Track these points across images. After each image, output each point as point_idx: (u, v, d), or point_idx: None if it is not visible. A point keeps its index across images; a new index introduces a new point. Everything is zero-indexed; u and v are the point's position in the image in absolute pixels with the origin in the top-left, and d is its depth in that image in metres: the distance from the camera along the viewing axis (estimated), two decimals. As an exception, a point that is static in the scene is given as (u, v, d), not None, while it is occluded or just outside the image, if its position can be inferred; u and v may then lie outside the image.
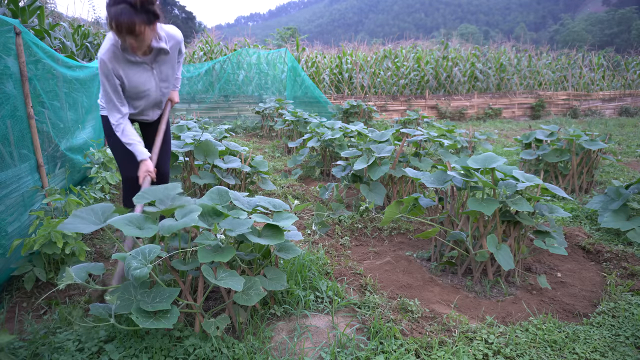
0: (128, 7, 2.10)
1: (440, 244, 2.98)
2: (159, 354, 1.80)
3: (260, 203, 2.25)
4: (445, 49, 14.62)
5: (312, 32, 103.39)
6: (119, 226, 1.76)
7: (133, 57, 2.39)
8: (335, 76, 13.22)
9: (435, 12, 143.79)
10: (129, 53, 2.37)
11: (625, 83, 16.57)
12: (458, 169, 2.74)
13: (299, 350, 1.94)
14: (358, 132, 4.88)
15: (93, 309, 1.81)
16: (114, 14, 2.10)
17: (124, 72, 2.41)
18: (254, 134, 9.30)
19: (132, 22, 2.12)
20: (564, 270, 2.93)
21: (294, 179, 5.18)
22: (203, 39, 13.92)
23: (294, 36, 21.20)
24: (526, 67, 15.47)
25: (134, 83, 2.49)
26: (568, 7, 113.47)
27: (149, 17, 2.19)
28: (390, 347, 1.94)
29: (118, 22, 2.12)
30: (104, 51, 2.31)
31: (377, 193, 3.73)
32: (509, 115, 13.98)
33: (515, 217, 2.63)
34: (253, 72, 11.25)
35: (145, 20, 2.17)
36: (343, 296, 2.41)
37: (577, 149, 4.62)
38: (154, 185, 2.17)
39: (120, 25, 2.12)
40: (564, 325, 2.20)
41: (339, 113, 9.75)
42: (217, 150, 3.63)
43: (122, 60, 2.38)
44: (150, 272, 1.68)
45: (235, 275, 1.88)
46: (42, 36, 5.88)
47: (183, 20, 45.58)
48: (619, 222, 3.41)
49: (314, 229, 3.54)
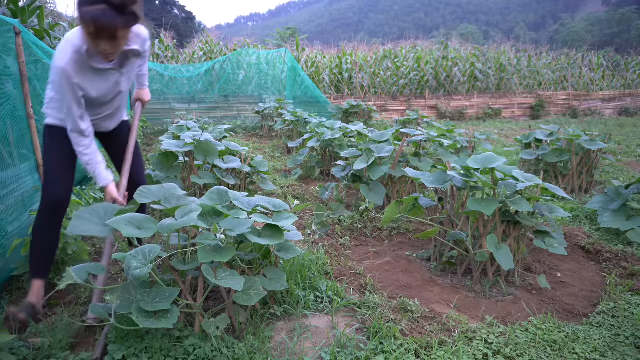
0: (109, 8, 1.82)
1: (440, 244, 2.98)
2: (158, 354, 1.80)
3: (260, 203, 2.25)
4: (445, 49, 14.62)
5: (312, 32, 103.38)
6: (117, 227, 1.76)
7: (100, 63, 2.08)
8: (335, 76, 13.23)
9: (435, 12, 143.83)
10: (95, 59, 2.06)
11: (625, 83, 16.58)
12: (458, 169, 2.74)
13: (298, 350, 1.94)
14: (358, 132, 4.88)
15: (93, 309, 1.81)
16: (93, 15, 1.82)
17: (89, 82, 2.10)
18: (254, 134, 9.30)
19: (114, 25, 1.86)
20: (564, 270, 2.94)
21: (294, 179, 5.18)
22: (203, 39, 13.92)
23: (293, 36, 21.20)
24: (526, 67, 15.48)
25: (101, 92, 2.18)
26: (568, 7, 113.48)
27: (131, 20, 1.92)
28: (390, 347, 1.94)
29: (99, 26, 1.84)
30: (66, 60, 1.98)
31: (377, 193, 3.73)
32: (509, 115, 13.98)
33: (515, 217, 2.63)
34: (253, 72, 11.25)
35: (126, 23, 1.91)
36: (343, 296, 2.41)
37: (577, 149, 4.62)
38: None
39: (101, 29, 1.85)
40: (563, 325, 2.20)
41: (339, 113, 9.75)
42: (217, 150, 3.63)
43: (87, 69, 2.07)
44: (150, 272, 1.68)
45: (236, 275, 1.88)
46: (42, 36, 5.88)
47: (183, 20, 45.57)
48: (618, 222, 3.41)
49: (314, 229, 3.54)
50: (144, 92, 2.63)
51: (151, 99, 10.98)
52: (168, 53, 12.51)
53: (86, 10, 1.82)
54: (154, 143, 8.01)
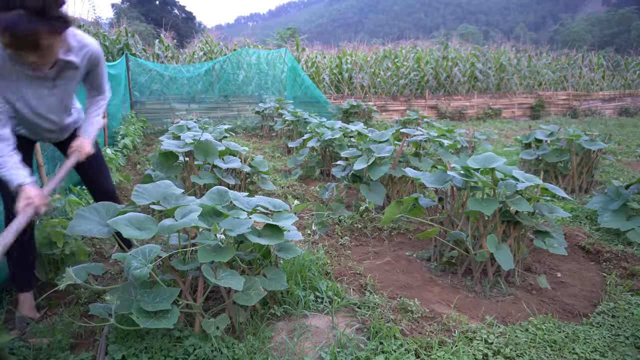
0: (27, 13, 1.54)
1: (440, 244, 2.98)
2: (158, 354, 1.80)
3: (260, 203, 2.25)
4: (445, 49, 14.62)
5: (312, 32, 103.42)
6: (117, 227, 1.76)
7: (28, 69, 1.84)
8: (335, 76, 13.23)
9: (435, 12, 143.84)
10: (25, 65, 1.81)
11: (625, 83, 16.58)
12: (458, 169, 2.74)
13: (298, 351, 1.94)
14: (358, 132, 4.88)
15: (93, 309, 1.81)
16: (8, 23, 1.52)
17: (16, 88, 1.87)
18: (254, 134, 9.30)
19: (34, 33, 1.58)
20: (564, 270, 2.94)
21: (294, 179, 5.18)
22: (203, 39, 13.91)
23: (293, 36, 21.20)
24: (526, 67, 15.48)
25: (30, 102, 1.94)
26: (568, 7, 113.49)
27: (57, 25, 1.65)
28: (390, 347, 1.94)
29: (14, 35, 1.55)
30: None
31: (377, 193, 3.73)
32: (509, 115, 13.98)
33: (515, 217, 2.63)
34: (253, 72, 11.26)
35: (51, 28, 1.63)
36: (343, 296, 2.41)
37: (577, 149, 4.62)
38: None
39: (18, 38, 1.57)
40: (563, 325, 2.20)
41: (339, 113, 9.75)
42: (217, 150, 3.63)
43: (13, 73, 1.83)
44: (150, 272, 1.68)
45: (236, 275, 1.88)
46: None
47: (183, 20, 45.57)
48: (618, 222, 3.41)
49: (314, 229, 3.54)
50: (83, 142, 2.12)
51: (151, 99, 10.89)
52: (168, 53, 12.51)
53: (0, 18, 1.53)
54: (154, 143, 8.01)
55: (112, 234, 1.89)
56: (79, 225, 1.83)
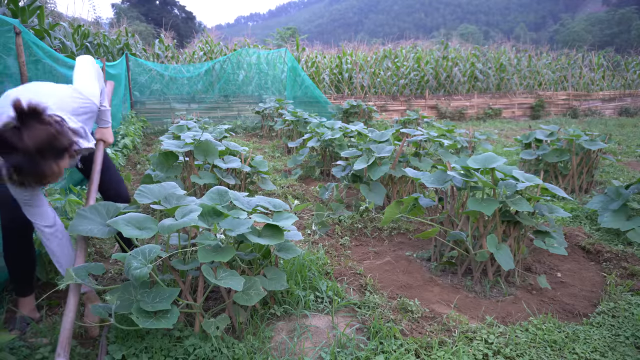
0: (24, 156, 1.43)
1: (440, 244, 2.98)
2: (159, 354, 1.80)
3: (260, 203, 2.25)
4: (445, 49, 14.62)
5: (312, 32, 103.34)
6: (117, 227, 1.76)
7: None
8: (335, 76, 13.22)
9: (435, 12, 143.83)
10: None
11: (625, 83, 16.58)
12: (458, 169, 2.74)
13: (298, 350, 1.94)
14: (358, 132, 4.88)
15: (93, 309, 1.81)
16: (13, 163, 1.42)
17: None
18: (254, 134, 9.30)
19: (38, 172, 1.48)
20: (564, 270, 2.94)
21: (294, 179, 5.18)
22: (203, 39, 13.92)
23: (293, 36, 21.20)
24: (526, 67, 15.48)
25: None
26: (568, 7, 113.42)
27: (59, 156, 1.56)
28: (390, 347, 1.94)
29: (20, 175, 1.45)
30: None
31: (377, 193, 3.73)
32: (509, 115, 13.98)
33: (515, 217, 2.63)
34: (253, 72, 11.26)
35: (57, 159, 1.54)
36: (343, 296, 2.41)
37: (577, 149, 4.62)
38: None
39: (20, 179, 1.46)
40: (563, 325, 2.20)
41: (339, 113, 9.75)
42: (217, 150, 3.63)
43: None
44: (150, 272, 1.68)
45: (235, 275, 1.88)
46: (42, 36, 5.89)
47: (183, 20, 45.56)
48: (618, 222, 3.41)
49: (314, 229, 3.54)
50: (106, 132, 2.33)
51: (152, 98, 10.90)
52: (168, 53, 12.52)
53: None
54: (154, 143, 8.01)
55: (114, 235, 1.89)
56: (81, 225, 1.84)
